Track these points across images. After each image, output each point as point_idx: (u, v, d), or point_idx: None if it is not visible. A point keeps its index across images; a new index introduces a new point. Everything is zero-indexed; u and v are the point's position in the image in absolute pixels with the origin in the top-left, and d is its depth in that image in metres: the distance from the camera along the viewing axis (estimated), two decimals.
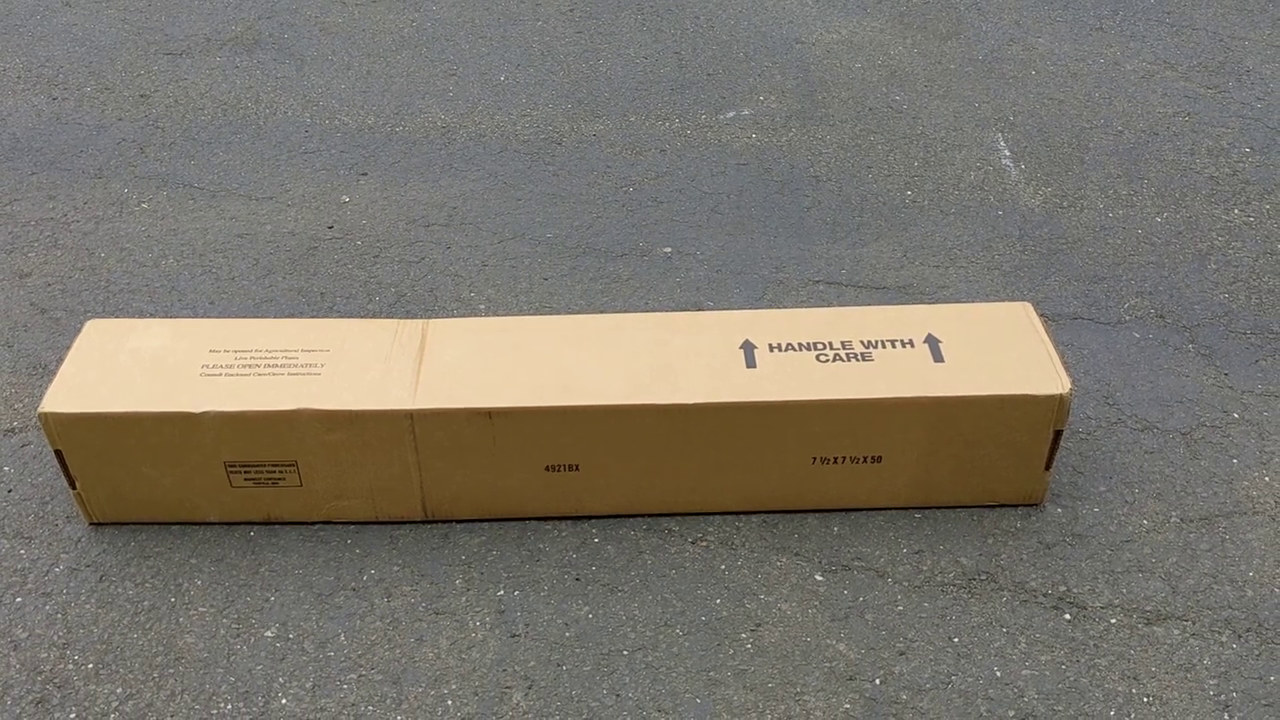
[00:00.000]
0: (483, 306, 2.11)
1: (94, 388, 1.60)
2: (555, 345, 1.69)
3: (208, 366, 1.64)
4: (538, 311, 2.09)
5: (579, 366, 1.65)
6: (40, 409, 1.57)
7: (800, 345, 1.68)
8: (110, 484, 1.64)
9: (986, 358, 1.66)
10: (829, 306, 2.10)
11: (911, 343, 1.69)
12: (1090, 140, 2.59)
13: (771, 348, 1.68)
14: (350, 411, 1.58)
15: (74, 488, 1.65)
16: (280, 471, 1.63)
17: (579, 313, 2.09)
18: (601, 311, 2.09)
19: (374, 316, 2.09)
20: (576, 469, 1.65)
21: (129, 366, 1.64)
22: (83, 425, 1.58)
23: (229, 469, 1.63)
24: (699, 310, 2.09)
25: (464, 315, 2.09)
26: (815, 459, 1.66)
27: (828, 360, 1.65)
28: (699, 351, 1.67)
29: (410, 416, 1.59)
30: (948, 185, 2.44)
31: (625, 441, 1.62)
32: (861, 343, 1.68)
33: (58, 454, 1.61)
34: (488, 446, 1.62)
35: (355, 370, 1.64)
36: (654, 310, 2.09)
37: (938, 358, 1.66)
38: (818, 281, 2.18)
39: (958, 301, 2.11)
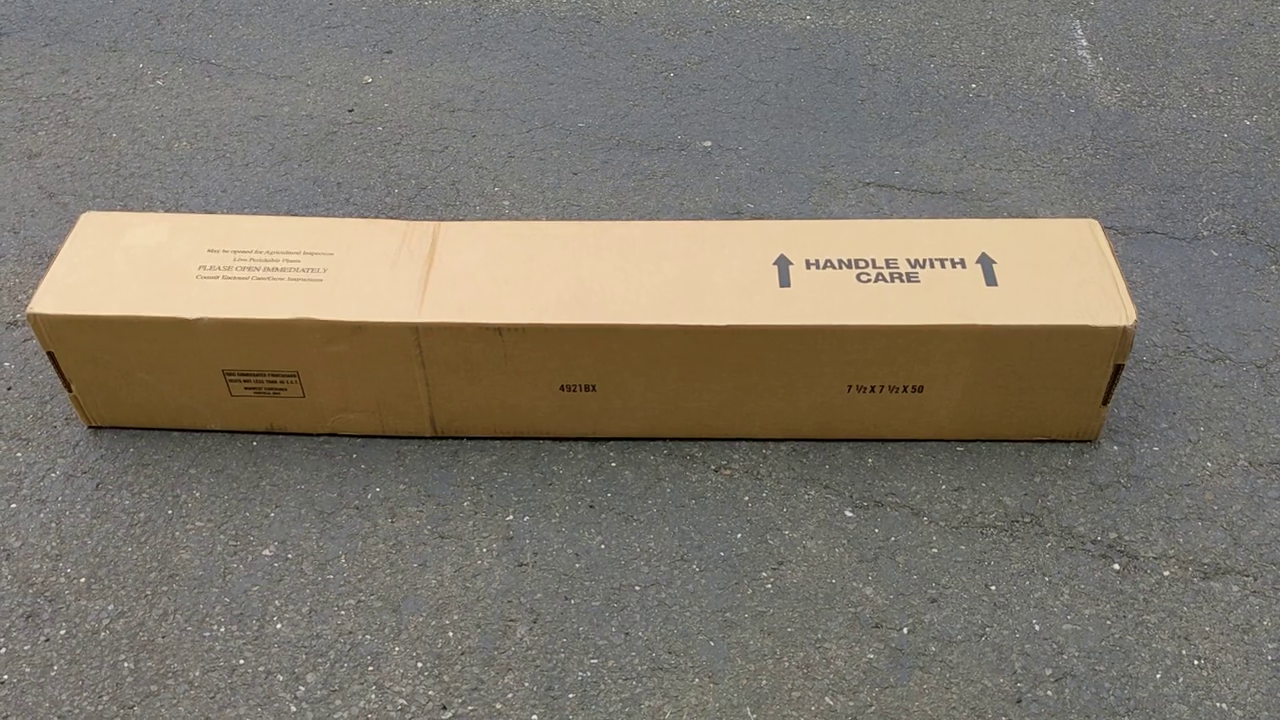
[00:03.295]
0: (507, 203, 1.98)
1: (86, 288, 1.51)
2: (574, 255, 1.56)
3: (205, 268, 1.54)
4: (565, 210, 1.96)
5: (598, 279, 1.52)
6: (29, 309, 1.49)
7: (840, 262, 1.54)
8: (106, 388, 1.57)
9: (1044, 282, 1.51)
10: (879, 211, 1.94)
11: (963, 263, 1.54)
12: (1177, 30, 2.36)
13: (809, 264, 1.54)
14: (352, 323, 1.48)
15: (70, 390, 1.57)
16: (281, 382, 1.54)
17: (609, 212, 1.95)
18: (633, 211, 1.95)
19: (392, 210, 1.97)
20: (593, 390, 1.54)
21: (123, 265, 1.55)
22: (74, 327, 1.50)
23: (228, 377, 1.54)
24: (737, 214, 1.95)
25: (487, 211, 1.96)
26: (851, 387, 1.53)
27: (869, 280, 1.52)
28: (729, 266, 1.54)
29: (416, 330, 1.48)
30: (1016, 78, 2.24)
31: (646, 363, 1.51)
32: (908, 261, 1.54)
33: (50, 356, 1.54)
34: (498, 363, 1.51)
35: (359, 276, 1.53)
36: (689, 212, 1.95)
37: (990, 280, 1.51)
38: (868, 184, 2.01)
39: (1020, 210, 1.94)
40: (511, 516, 1.52)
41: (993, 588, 1.43)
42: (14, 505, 1.53)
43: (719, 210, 1.96)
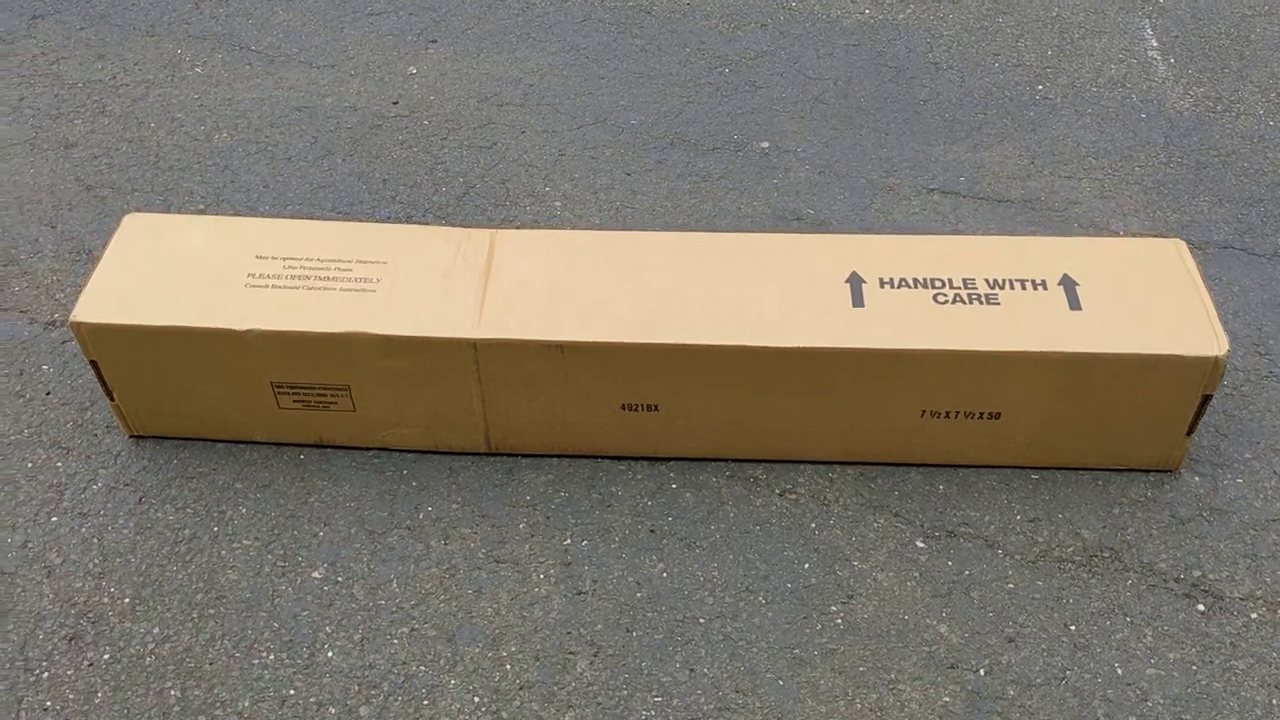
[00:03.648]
0: (558, 204, 1.92)
1: (130, 295, 1.46)
2: (638, 267, 1.50)
3: (254, 275, 1.48)
4: (619, 213, 1.89)
5: (664, 295, 1.46)
6: (72, 317, 1.43)
7: (916, 281, 1.47)
8: (150, 398, 1.51)
9: (1130, 307, 1.44)
10: (944, 220, 1.87)
11: (1044, 284, 1.47)
12: (1252, 31, 2.27)
13: (883, 283, 1.47)
14: (408, 338, 1.42)
15: (112, 399, 1.52)
16: (332, 395, 1.49)
17: (664, 216, 1.89)
18: (689, 216, 1.88)
19: (440, 210, 1.90)
20: (655, 409, 1.48)
21: (169, 271, 1.49)
22: (118, 336, 1.44)
23: (276, 390, 1.48)
24: (797, 220, 1.88)
25: (539, 213, 1.90)
26: (925, 412, 1.47)
27: (946, 301, 1.45)
28: (800, 283, 1.47)
29: (474, 346, 1.42)
30: (1085, 80, 2.16)
31: (712, 383, 1.45)
32: (986, 282, 1.47)
33: (93, 364, 1.48)
34: (558, 381, 1.45)
35: (414, 288, 1.47)
36: (747, 217, 1.88)
37: (1074, 304, 1.44)
38: (932, 190, 1.94)
39: (1091, 221, 1.87)
40: (569, 540, 1.46)
41: (1072, 627, 1.37)
42: (55, 519, 1.48)
43: (777, 216, 1.89)
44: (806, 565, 1.43)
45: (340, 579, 1.42)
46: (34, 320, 1.73)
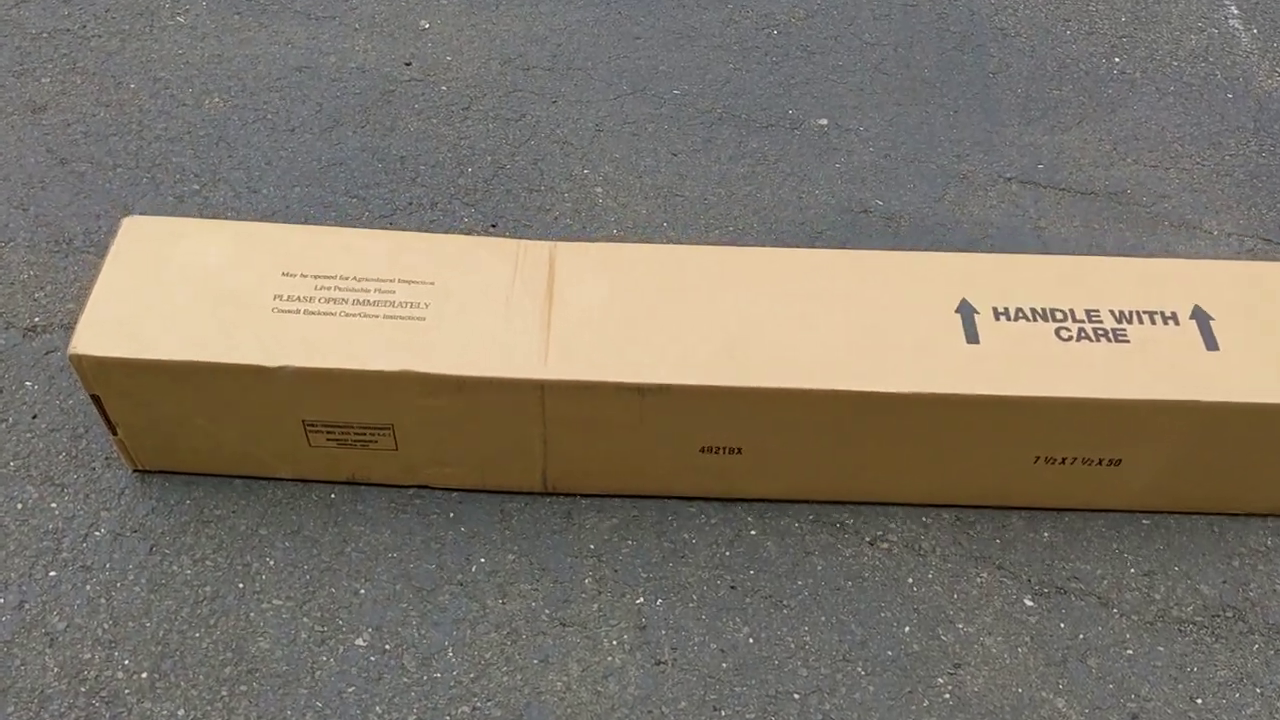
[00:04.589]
0: (599, 189, 1.72)
1: (137, 321, 1.25)
2: (718, 291, 1.32)
3: (281, 298, 1.28)
4: (666, 201, 1.70)
5: (749, 326, 1.29)
6: (71, 349, 1.23)
7: (1034, 313, 1.31)
8: (159, 434, 1.32)
9: (1270, 345, 1.30)
10: (1024, 214, 1.70)
11: (1174, 318, 1.32)
12: None
13: (998, 314, 1.31)
14: (465, 378, 1.24)
15: (115, 434, 1.32)
16: (371, 434, 1.31)
17: (716, 205, 1.70)
18: (744, 205, 1.70)
19: (468, 193, 1.70)
20: (738, 452, 1.32)
21: (181, 290, 1.28)
22: (124, 371, 1.24)
23: (308, 428, 1.30)
24: (865, 212, 1.70)
25: (578, 199, 1.70)
26: (1039, 458, 1.32)
27: (1070, 338, 1.29)
28: (905, 312, 1.31)
29: (540, 387, 1.24)
30: (1163, 52, 1.98)
31: (803, 427, 1.29)
32: (1112, 314, 1.31)
33: (94, 398, 1.28)
34: (632, 423, 1.28)
35: (468, 315, 1.28)
36: (809, 208, 1.70)
37: (1210, 343, 1.29)
38: (1009, 179, 1.77)
39: (1181, 218, 1.72)
40: (642, 600, 1.31)
41: (1199, 700, 1.25)
42: (53, 573, 1.30)
43: (842, 206, 1.71)
44: (907, 628, 1.30)
45: (388, 647, 1.26)
46: (10, 325, 1.52)
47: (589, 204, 1.70)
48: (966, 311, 1.31)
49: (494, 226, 1.66)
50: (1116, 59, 1.96)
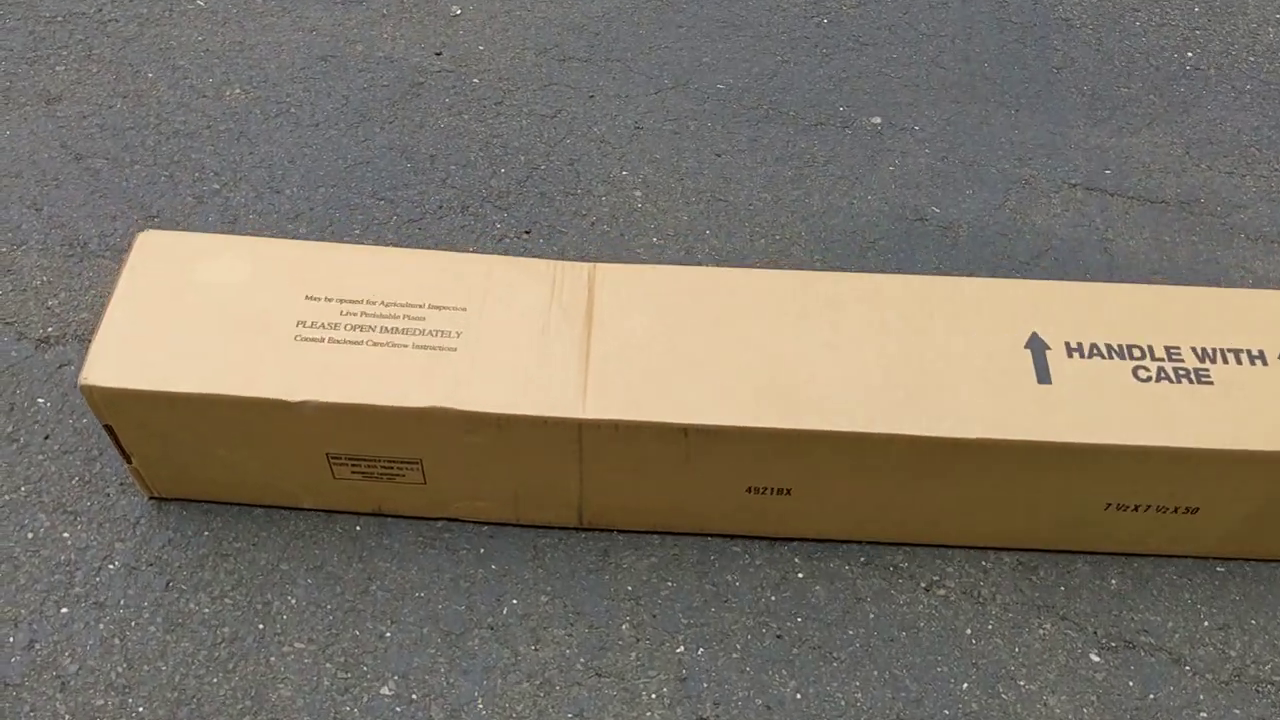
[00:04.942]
0: (638, 194, 1.63)
1: (152, 349, 1.18)
2: (769, 320, 1.23)
3: (305, 324, 1.20)
4: (709, 206, 1.61)
5: (802, 360, 1.20)
6: (81, 379, 1.16)
7: (1110, 349, 1.22)
8: (175, 464, 1.25)
9: None
10: (1090, 224, 1.60)
11: (1262, 357, 1.22)
12: None
13: (1070, 350, 1.22)
14: (500, 415, 1.16)
15: (129, 462, 1.25)
16: (399, 468, 1.23)
17: (764, 211, 1.61)
18: (792, 211, 1.60)
19: (499, 195, 1.61)
20: (788, 493, 1.24)
21: (199, 315, 1.21)
22: (139, 403, 1.17)
23: (332, 460, 1.23)
24: (920, 220, 1.60)
25: (616, 203, 1.61)
26: (1110, 505, 1.23)
27: (1149, 378, 1.20)
28: (970, 346, 1.22)
29: (579, 426, 1.16)
30: (1239, 46, 1.86)
31: (858, 470, 1.20)
32: (1194, 351, 1.22)
33: (108, 429, 1.21)
34: (676, 463, 1.20)
35: (502, 345, 1.20)
36: (860, 215, 1.60)
37: None
38: (1074, 185, 1.66)
39: (1259, 231, 1.61)
40: (682, 648, 1.23)
41: None
42: (65, 609, 1.23)
43: (896, 214, 1.61)
44: (965, 685, 1.22)
45: (415, 696, 1.19)
46: (23, 335, 1.45)
47: (627, 209, 1.61)
48: (1038, 347, 1.22)
49: (528, 233, 1.58)
50: (1189, 53, 1.85)
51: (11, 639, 1.21)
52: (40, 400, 1.39)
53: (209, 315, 1.21)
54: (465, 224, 1.59)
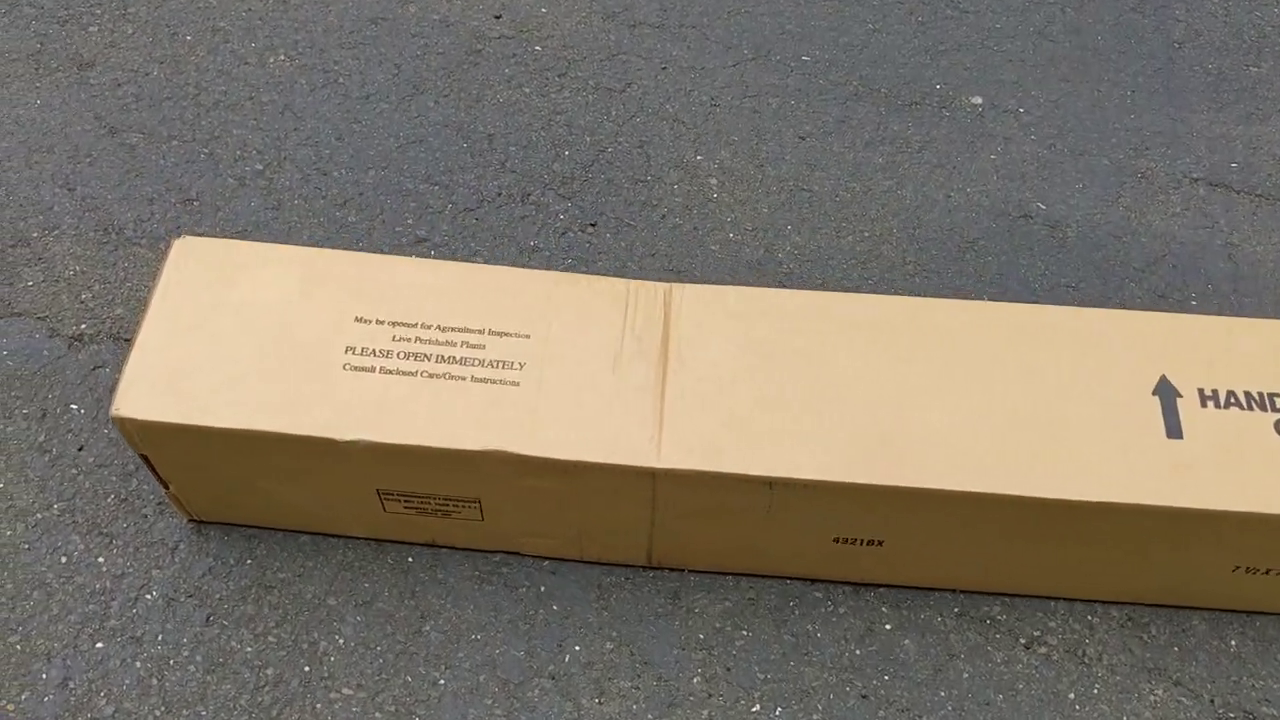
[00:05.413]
0: (714, 181, 1.49)
1: (189, 376, 1.08)
2: (864, 357, 1.11)
3: (355, 351, 1.09)
4: (791, 198, 1.47)
5: (904, 404, 1.08)
6: (114, 409, 1.06)
7: (1250, 398, 1.08)
8: (214, 492, 1.17)
9: None
10: (1213, 226, 1.45)
11: None
12: None
13: (1204, 397, 1.08)
14: (566, 462, 1.05)
15: (167, 489, 1.17)
16: (455, 505, 1.13)
17: (850, 204, 1.47)
18: (883, 205, 1.47)
19: (563, 181, 1.49)
20: (879, 544, 1.12)
21: (239, 339, 1.10)
22: (175, 435, 1.07)
23: (384, 496, 1.13)
24: (1025, 218, 1.46)
25: (690, 192, 1.48)
26: (1239, 568, 1.11)
27: None
28: (1091, 392, 1.09)
29: (653, 475, 1.05)
30: None
31: (960, 527, 1.09)
32: None
33: (144, 458, 1.12)
34: (758, 513, 1.09)
35: (570, 381, 1.08)
36: (958, 209, 1.46)
37: None
38: (1196, 179, 1.51)
39: None
40: (758, 707, 1.14)
41: None
42: (100, 644, 1.16)
43: (997, 210, 1.47)
44: None
45: None
46: (55, 332, 1.36)
47: (702, 199, 1.48)
48: (1167, 393, 1.09)
49: (593, 225, 1.45)
50: None
51: (45, 675, 1.14)
52: (74, 406, 1.31)
53: (251, 338, 1.10)
54: (526, 214, 1.46)
